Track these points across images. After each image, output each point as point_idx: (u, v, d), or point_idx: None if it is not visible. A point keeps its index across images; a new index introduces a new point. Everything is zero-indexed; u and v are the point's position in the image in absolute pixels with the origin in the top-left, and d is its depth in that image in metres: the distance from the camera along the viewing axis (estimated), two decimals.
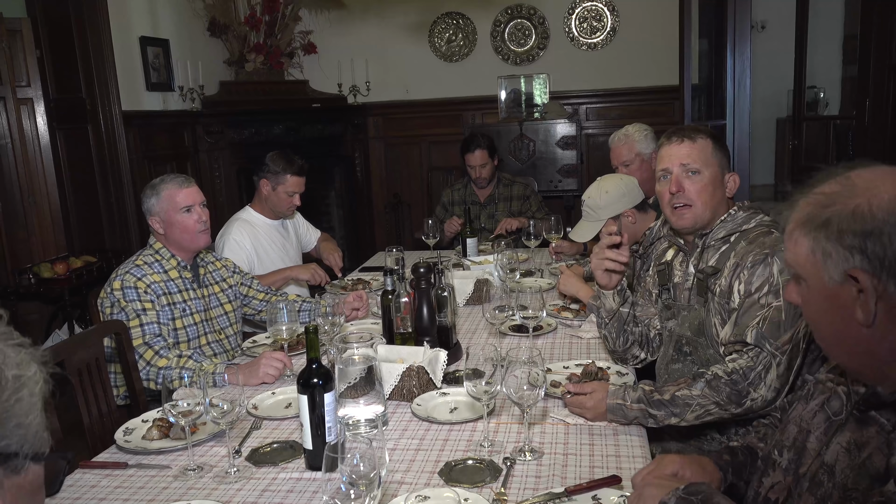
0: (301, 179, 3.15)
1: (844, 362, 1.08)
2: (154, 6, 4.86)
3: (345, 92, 5.86)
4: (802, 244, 1.02)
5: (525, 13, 5.78)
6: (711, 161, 1.83)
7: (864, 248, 0.94)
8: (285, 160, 3.13)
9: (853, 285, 0.96)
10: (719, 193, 1.84)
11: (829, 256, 0.98)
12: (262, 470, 1.57)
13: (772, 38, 7.70)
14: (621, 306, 2.01)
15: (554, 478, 1.45)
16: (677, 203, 1.84)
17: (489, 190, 4.13)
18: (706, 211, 1.83)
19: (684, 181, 1.83)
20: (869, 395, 1.03)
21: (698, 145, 1.83)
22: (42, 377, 0.76)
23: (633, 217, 2.61)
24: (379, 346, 2.01)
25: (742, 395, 1.62)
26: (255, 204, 3.22)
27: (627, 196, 2.61)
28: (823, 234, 0.98)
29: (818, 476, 1.09)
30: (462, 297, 2.76)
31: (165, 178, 2.40)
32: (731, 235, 1.82)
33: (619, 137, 3.24)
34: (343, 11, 5.81)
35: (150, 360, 2.18)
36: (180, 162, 4.99)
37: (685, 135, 1.85)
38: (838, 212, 0.97)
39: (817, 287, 1.01)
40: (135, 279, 2.26)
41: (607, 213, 2.61)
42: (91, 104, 4.37)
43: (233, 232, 3.07)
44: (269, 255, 3.15)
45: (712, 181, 1.82)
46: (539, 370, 1.51)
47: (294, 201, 3.17)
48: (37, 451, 0.74)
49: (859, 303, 0.97)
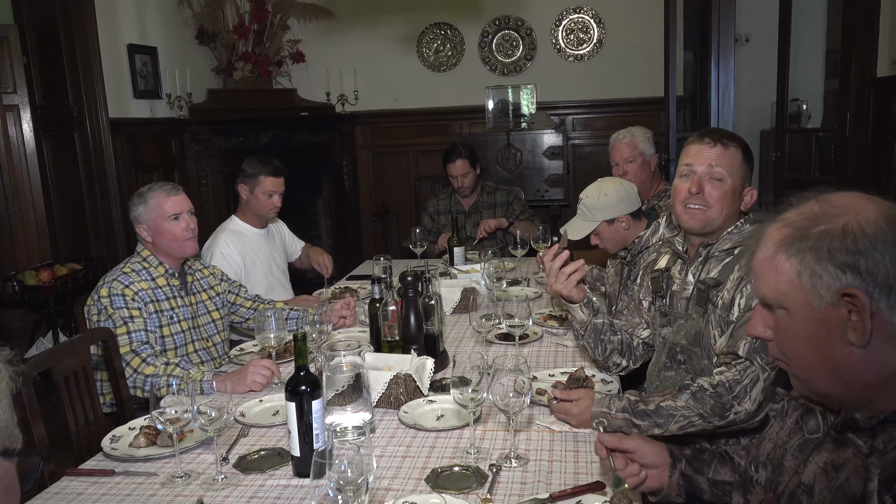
0: (277, 180, 3.13)
1: (827, 390, 1.03)
2: (142, 14, 4.87)
3: (333, 101, 5.88)
4: (785, 270, 0.98)
5: (512, 24, 5.83)
6: (737, 171, 1.80)
7: (857, 266, 0.93)
8: (260, 162, 3.13)
9: (845, 306, 0.94)
10: (735, 204, 1.82)
11: (819, 278, 0.95)
12: (250, 477, 1.57)
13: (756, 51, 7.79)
14: (593, 317, 2.03)
15: (539, 484, 1.47)
16: (693, 203, 1.81)
17: (473, 199, 4.16)
18: (719, 218, 1.81)
19: (706, 183, 1.80)
20: (847, 420, 1.02)
21: (729, 152, 1.80)
22: (8, 375, 0.77)
23: (626, 223, 2.62)
24: (366, 353, 2.03)
25: (726, 408, 1.64)
26: (240, 212, 3.22)
27: (625, 202, 2.61)
28: (812, 255, 0.96)
29: (797, 495, 1.10)
30: (449, 306, 2.78)
31: (153, 186, 2.40)
32: (736, 248, 1.80)
33: (622, 135, 3.28)
34: (332, 21, 5.83)
35: (138, 367, 2.18)
36: (167, 170, 4.98)
37: (718, 139, 1.82)
38: (827, 231, 0.95)
39: (804, 313, 0.98)
40: (122, 286, 2.26)
41: (602, 216, 2.60)
42: (78, 111, 4.36)
43: (220, 244, 3.05)
44: (256, 265, 3.15)
45: (733, 191, 1.80)
46: (525, 378, 1.53)
47: (274, 202, 3.14)
48: (6, 447, 0.74)
49: (851, 324, 0.95)
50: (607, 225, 2.62)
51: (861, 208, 0.96)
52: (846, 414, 1.02)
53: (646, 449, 1.37)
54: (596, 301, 2.05)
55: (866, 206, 0.97)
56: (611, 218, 2.61)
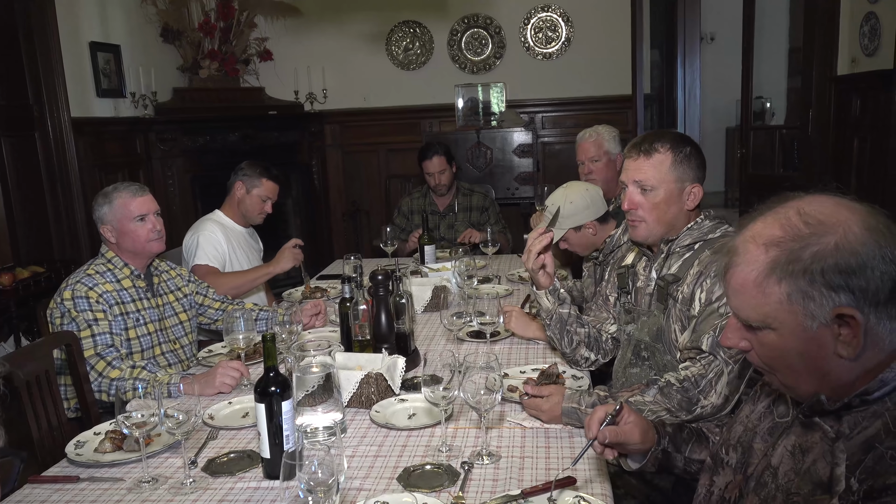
0: (275, 186, 3.23)
1: (810, 393, 1.04)
2: (104, 11, 4.77)
3: (302, 99, 5.83)
4: (775, 293, 0.98)
5: (481, 23, 5.84)
6: (667, 177, 1.81)
7: (850, 285, 0.94)
8: (262, 166, 3.23)
9: (837, 324, 0.95)
10: (675, 209, 1.83)
11: (812, 299, 0.95)
12: (219, 480, 1.55)
13: (721, 49, 7.92)
14: (559, 307, 2.05)
15: (511, 480, 1.47)
16: (631, 217, 1.88)
17: (448, 199, 4.15)
18: (658, 226, 1.85)
19: (636, 197, 1.84)
20: (813, 403, 1.04)
21: (654, 161, 1.81)
22: None
23: (593, 229, 2.63)
24: (337, 353, 2.01)
25: (692, 402, 1.66)
26: (226, 208, 3.24)
27: (591, 208, 2.61)
28: (806, 277, 0.95)
29: (763, 477, 1.12)
30: (420, 304, 2.77)
31: (118, 186, 2.36)
32: (695, 243, 1.82)
33: (588, 134, 3.30)
34: (299, 19, 5.78)
35: (103, 371, 2.13)
36: (132, 170, 4.90)
37: (643, 149, 1.83)
38: (819, 252, 0.95)
39: (794, 333, 0.99)
40: (86, 289, 2.22)
41: (569, 224, 2.60)
42: (39, 111, 4.26)
43: (207, 228, 3.11)
44: (237, 257, 3.18)
45: (666, 199, 1.82)
46: (496, 375, 1.54)
47: (266, 208, 3.22)
48: None
49: (843, 338, 0.96)
50: (574, 231, 2.63)
51: (846, 222, 0.96)
52: (813, 396, 1.04)
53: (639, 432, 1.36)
54: (563, 291, 2.07)
55: (849, 218, 0.97)
56: (578, 225, 2.61)
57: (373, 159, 6.11)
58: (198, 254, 3.03)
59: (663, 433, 1.41)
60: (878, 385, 0.97)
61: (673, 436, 1.42)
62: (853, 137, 4.50)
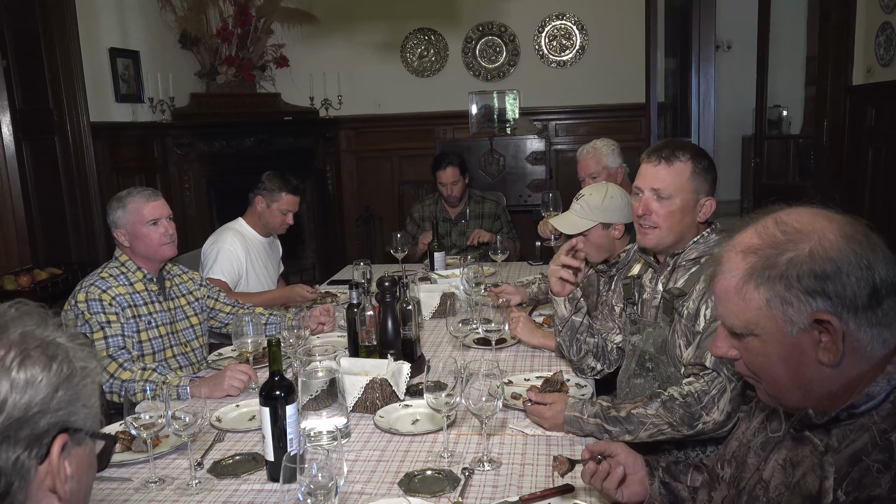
0: (296, 199, 3.25)
1: (796, 403, 1.05)
2: (124, 18, 4.85)
3: (317, 105, 5.88)
4: (754, 298, 1.00)
5: (496, 30, 5.87)
6: (685, 187, 1.80)
7: (826, 291, 0.95)
8: (281, 179, 3.23)
9: (816, 329, 0.97)
10: (688, 219, 1.82)
11: (791, 305, 0.97)
12: (224, 482, 1.58)
13: (738, 58, 7.89)
14: (574, 314, 2.06)
15: (510, 487, 1.49)
16: (643, 223, 1.86)
17: (460, 207, 4.17)
18: (670, 235, 1.84)
19: (652, 203, 1.83)
20: (802, 416, 1.05)
21: (674, 169, 1.80)
22: (99, 371, 0.94)
23: (620, 232, 2.52)
24: (343, 358, 2.04)
25: (695, 417, 1.67)
26: (249, 217, 3.29)
27: (626, 210, 2.49)
28: (782, 283, 0.97)
29: (755, 491, 1.13)
30: (428, 311, 2.79)
31: (132, 190, 2.41)
32: (702, 257, 1.81)
33: (587, 150, 3.31)
34: (316, 26, 5.84)
35: (114, 372, 2.17)
36: (149, 174, 4.96)
37: (663, 156, 1.82)
38: (794, 258, 0.97)
39: (775, 339, 1.00)
40: (99, 291, 2.26)
41: (602, 217, 2.48)
42: (58, 115, 4.33)
43: (227, 240, 3.15)
44: (255, 270, 3.23)
45: (682, 208, 1.81)
46: (498, 382, 1.55)
47: (287, 220, 3.26)
48: (95, 429, 0.87)
49: (823, 345, 0.97)
50: (602, 228, 2.50)
51: (822, 230, 0.98)
52: (801, 411, 1.05)
53: (626, 454, 1.40)
54: (581, 300, 2.07)
55: (826, 226, 0.98)
56: (609, 222, 2.50)
57: (386, 165, 6.14)
58: (213, 268, 3.07)
59: (655, 465, 1.41)
60: (864, 399, 0.98)
61: (667, 468, 1.42)
62: (868, 147, 4.47)
